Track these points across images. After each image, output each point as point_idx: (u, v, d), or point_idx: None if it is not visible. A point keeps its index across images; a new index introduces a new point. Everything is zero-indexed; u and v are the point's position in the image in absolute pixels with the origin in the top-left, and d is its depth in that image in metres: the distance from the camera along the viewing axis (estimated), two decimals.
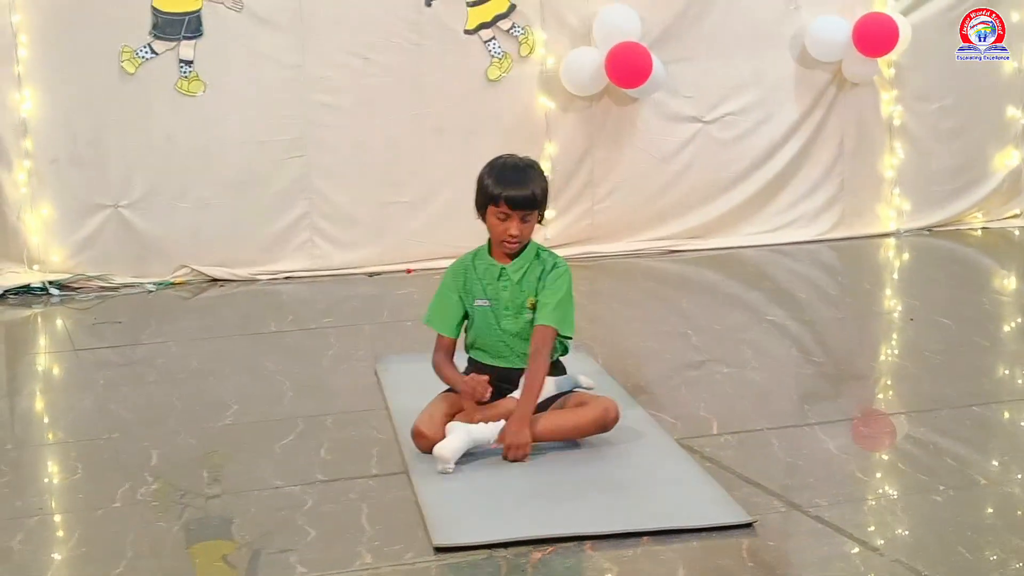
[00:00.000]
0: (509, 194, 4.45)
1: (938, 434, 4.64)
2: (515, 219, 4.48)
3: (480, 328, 4.62)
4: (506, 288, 4.56)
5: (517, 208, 4.46)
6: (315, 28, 7.46)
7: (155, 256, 7.44)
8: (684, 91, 8.11)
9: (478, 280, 4.61)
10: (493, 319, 4.58)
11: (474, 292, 4.61)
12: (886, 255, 8.18)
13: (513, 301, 4.56)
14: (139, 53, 7.23)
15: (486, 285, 4.59)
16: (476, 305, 4.60)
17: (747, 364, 5.69)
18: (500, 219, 4.49)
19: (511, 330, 4.57)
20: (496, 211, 4.48)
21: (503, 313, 4.57)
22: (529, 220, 4.51)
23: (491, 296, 4.58)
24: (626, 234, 8.16)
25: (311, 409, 5.11)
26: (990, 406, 5.00)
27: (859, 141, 8.42)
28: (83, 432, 4.93)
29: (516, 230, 4.48)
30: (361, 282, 7.53)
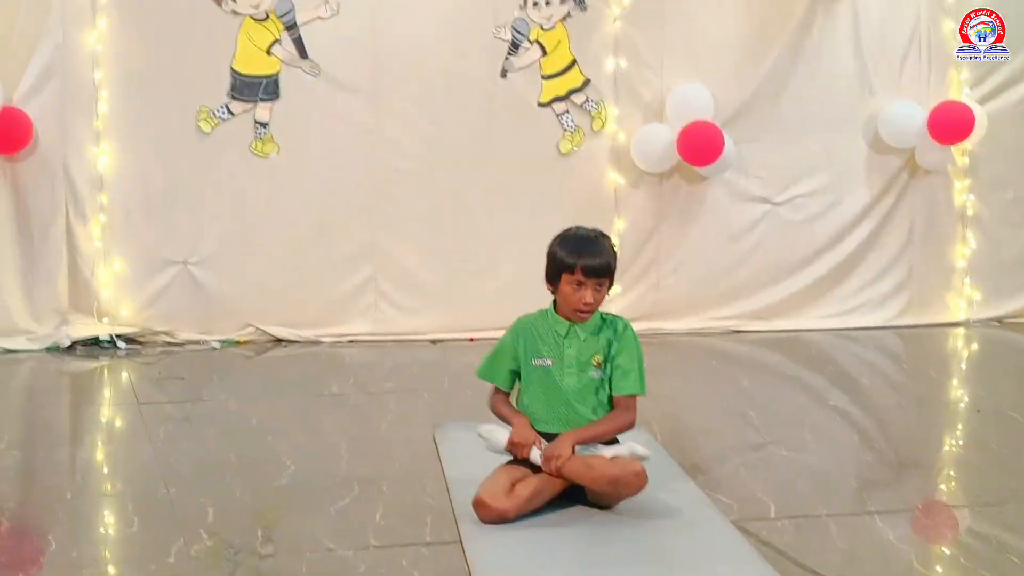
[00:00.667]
0: (586, 263, 4.47)
1: (1003, 529, 4.55)
2: (590, 287, 4.50)
3: (537, 390, 4.62)
4: (571, 346, 4.57)
5: (592, 276, 4.49)
6: (391, 94, 7.54)
7: (221, 313, 7.51)
8: (754, 171, 8.11)
9: (541, 338, 4.62)
10: (555, 377, 4.58)
11: (535, 351, 4.62)
12: (954, 344, 8.09)
13: (579, 358, 4.57)
14: (216, 113, 7.33)
15: (550, 343, 4.61)
16: (536, 364, 4.61)
17: (807, 448, 5.63)
18: (575, 288, 4.51)
19: (573, 388, 4.58)
20: (571, 279, 4.50)
21: (567, 370, 4.57)
22: (602, 289, 4.54)
23: (554, 355, 4.59)
24: (691, 312, 8.13)
25: (367, 472, 5.10)
26: None
27: (929, 228, 8.36)
28: (141, 485, 4.95)
29: (591, 298, 4.50)
30: (424, 348, 7.55)
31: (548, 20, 7.70)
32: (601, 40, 7.81)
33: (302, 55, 7.41)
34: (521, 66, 7.70)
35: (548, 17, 7.69)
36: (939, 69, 8.23)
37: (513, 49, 7.67)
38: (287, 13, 7.34)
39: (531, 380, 4.64)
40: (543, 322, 4.65)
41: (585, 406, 4.60)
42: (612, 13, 7.79)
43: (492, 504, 4.41)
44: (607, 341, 4.61)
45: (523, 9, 7.65)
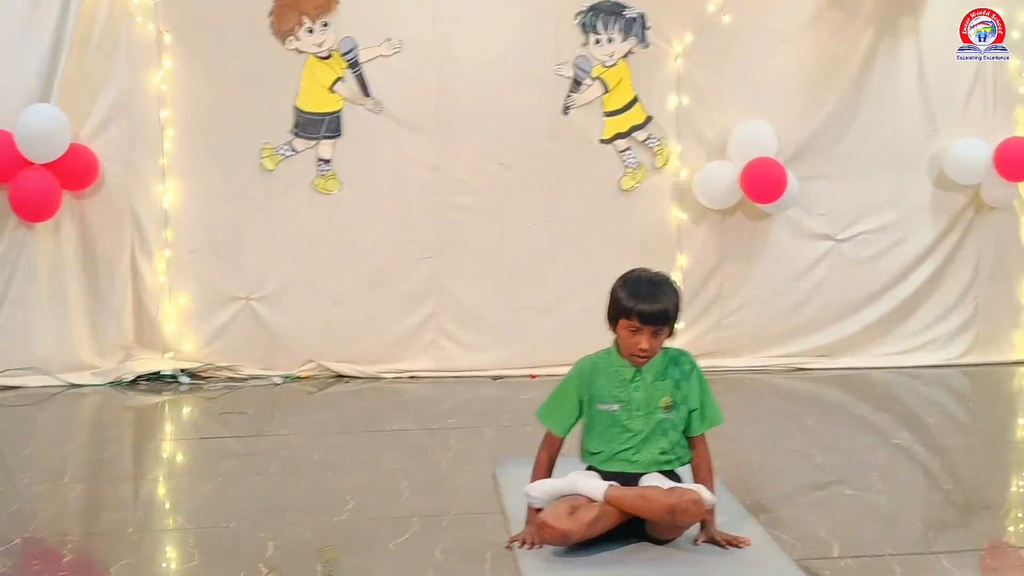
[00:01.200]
0: (642, 308, 4.43)
1: None
2: (646, 333, 4.46)
3: (603, 433, 4.59)
4: (638, 389, 4.54)
5: (648, 323, 4.44)
6: (453, 131, 7.58)
7: (283, 349, 7.56)
8: (818, 208, 8.07)
9: (606, 381, 4.58)
10: (623, 421, 4.55)
11: (600, 395, 4.58)
12: (1021, 383, 7.98)
13: (647, 402, 4.54)
14: (279, 151, 7.40)
15: (615, 388, 4.57)
16: (600, 409, 4.57)
17: (872, 487, 5.56)
18: (631, 332, 4.47)
19: (641, 431, 4.54)
20: (628, 324, 4.46)
21: (635, 414, 4.54)
22: (660, 335, 4.49)
23: (622, 399, 4.56)
24: (754, 349, 8.09)
25: (428, 508, 5.10)
26: None
27: (996, 266, 8.28)
28: (203, 519, 4.97)
29: (647, 344, 4.47)
30: (485, 385, 7.55)
31: (610, 57, 7.71)
32: (663, 77, 7.81)
33: (365, 92, 7.47)
34: (583, 103, 7.72)
35: (610, 54, 7.71)
36: (1005, 105, 8.18)
37: (575, 86, 7.69)
38: (350, 51, 7.40)
39: (595, 422, 4.61)
40: (607, 364, 4.61)
41: (653, 448, 4.58)
42: (674, 51, 7.80)
43: (555, 524, 4.38)
44: (674, 382, 4.58)
45: (585, 46, 7.67)
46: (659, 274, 4.58)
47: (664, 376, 4.57)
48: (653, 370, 4.56)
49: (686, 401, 4.59)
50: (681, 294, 4.61)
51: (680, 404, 4.59)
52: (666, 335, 4.52)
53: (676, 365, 4.59)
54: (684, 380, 4.59)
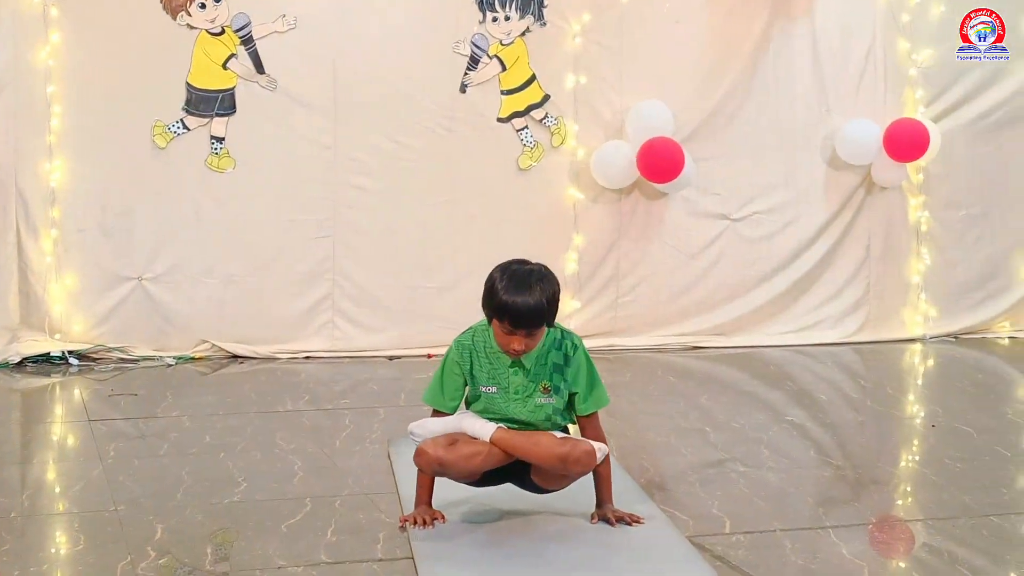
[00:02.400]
0: (513, 313, 4.29)
1: (955, 543, 4.55)
2: (519, 335, 4.34)
3: (484, 409, 4.56)
4: (517, 374, 4.51)
5: (520, 328, 4.33)
6: (349, 110, 7.51)
7: (176, 330, 7.45)
8: (713, 188, 8.13)
9: (485, 364, 4.53)
10: (501, 405, 4.53)
11: (480, 378, 4.53)
12: (910, 360, 8.12)
13: (525, 388, 4.51)
14: (171, 128, 7.29)
15: (494, 371, 4.53)
16: (482, 391, 4.54)
17: (764, 464, 5.61)
18: (504, 333, 4.36)
19: (519, 415, 4.52)
20: (500, 326, 4.35)
21: (512, 398, 4.52)
22: (535, 335, 4.38)
23: (500, 383, 4.53)
24: (649, 328, 8.13)
25: (321, 489, 5.06)
26: (1009, 517, 4.90)
27: (886, 245, 8.42)
28: (90, 503, 4.88)
29: (519, 345, 4.36)
30: (381, 365, 7.51)
31: (507, 35, 7.69)
32: (561, 56, 7.81)
33: (259, 70, 7.37)
34: (480, 81, 7.69)
35: (507, 32, 7.69)
36: (895, 88, 8.30)
37: (472, 64, 7.66)
38: (243, 27, 7.30)
39: (478, 399, 4.57)
40: (486, 344, 4.51)
41: (537, 426, 4.56)
42: (572, 30, 7.80)
43: (431, 451, 4.37)
44: (555, 366, 4.51)
45: (482, 24, 7.64)
46: (535, 269, 4.41)
47: (545, 361, 4.51)
48: (533, 356, 4.48)
49: (568, 386, 4.54)
50: (558, 283, 4.47)
51: (562, 389, 4.54)
52: (542, 333, 4.41)
53: (558, 349, 4.53)
54: (566, 365, 4.54)
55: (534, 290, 4.32)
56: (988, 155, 8.47)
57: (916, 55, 8.28)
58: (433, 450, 4.37)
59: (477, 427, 4.46)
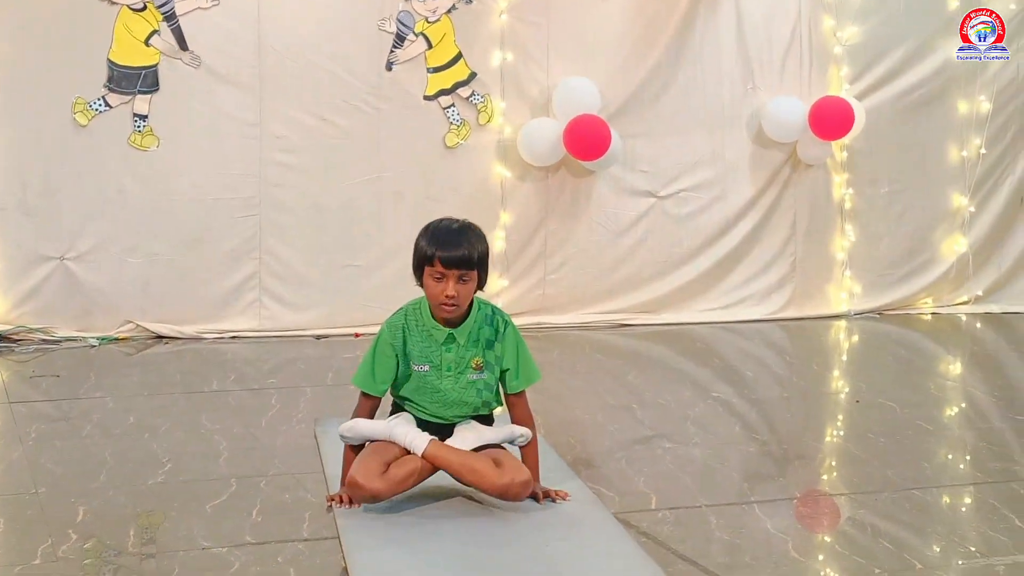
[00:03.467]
0: (444, 253, 4.37)
1: (878, 517, 4.61)
2: (451, 279, 4.39)
3: (415, 389, 4.57)
4: (450, 351, 4.51)
5: (452, 267, 4.37)
6: (274, 87, 7.44)
7: (100, 310, 7.35)
8: (640, 166, 8.14)
9: (419, 341, 4.53)
10: (433, 382, 4.53)
11: (413, 355, 4.54)
12: (835, 337, 8.20)
13: (457, 364, 4.52)
14: (93, 105, 7.18)
15: (427, 349, 4.52)
16: (415, 369, 4.54)
17: (690, 441, 5.65)
18: (436, 279, 4.40)
19: (450, 392, 4.53)
20: (432, 271, 4.40)
21: (445, 375, 4.52)
22: (467, 281, 4.42)
23: (432, 361, 4.52)
24: (577, 306, 8.15)
25: (246, 470, 5.03)
26: (931, 490, 4.98)
27: (811, 222, 8.48)
28: (9, 486, 4.81)
29: (452, 290, 4.39)
30: (308, 344, 7.47)
31: (433, 12, 7.65)
32: (487, 33, 7.78)
33: (182, 46, 7.28)
34: (406, 59, 7.65)
35: (433, 10, 7.64)
36: (820, 65, 8.35)
37: (398, 42, 7.61)
38: (166, 3, 7.20)
39: (408, 379, 4.57)
40: (418, 323, 4.54)
41: (466, 406, 4.59)
42: (498, 7, 7.77)
43: (366, 484, 4.36)
44: (486, 343, 4.55)
45: (408, 2, 7.59)
46: (462, 221, 4.53)
47: (477, 337, 4.54)
48: (466, 332, 4.52)
49: (499, 361, 4.58)
50: (487, 241, 4.56)
51: (492, 365, 4.57)
52: (474, 283, 4.46)
53: (490, 325, 4.56)
54: (497, 341, 4.56)
55: (464, 233, 4.46)
56: (911, 132, 8.56)
57: (841, 32, 8.34)
58: (368, 483, 4.37)
59: (409, 438, 4.47)
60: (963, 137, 8.66)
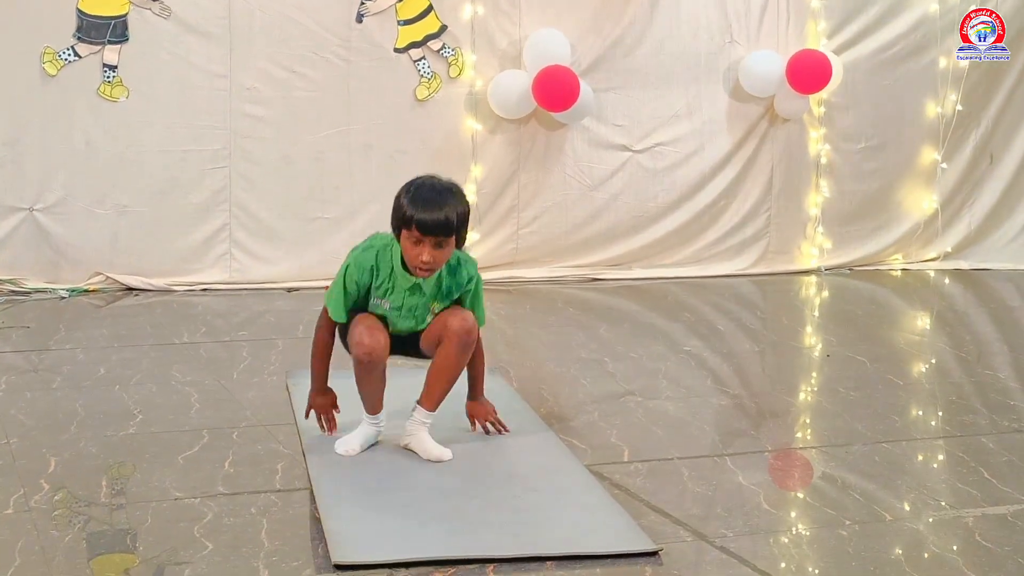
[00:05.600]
0: (421, 218, 4.28)
1: (847, 470, 4.64)
2: (428, 245, 4.33)
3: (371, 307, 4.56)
4: (413, 296, 4.49)
5: (429, 234, 4.31)
6: (244, 38, 7.38)
7: (69, 262, 7.30)
8: (615, 119, 8.12)
9: (384, 281, 4.49)
10: (391, 317, 4.53)
11: (377, 292, 4.51)
12: (806, 292, 8.22)
13: (416, 307, 4.51)
14: (61, 55, 7.11)
15: (390, 291, 4.49)
16: (375, 302, 4.52)
17: (662, 394, 5.66)
18: (413, 243, 4.34)
19: (404, 329, 4.56)
20: (409, 235, 4.34)
21: (403, 316, 4.52)
22: (444, 246, 4.36)
23: (394, 303, 4.51)
24: (550, 260, 8.14)
25: (218, 421, 5.01)
26: (900, 443, 5.01)
27: (787, 178, 8.49)
28: None
29: (428, 256, 4.33)
30: (279, 297, 7.44)
31: None
32: None
33: None
34: (377, 11, 7.59)
35: None
36: (797, 19, 8.32)
37: None
38: None
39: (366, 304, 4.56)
40: (387, 263, 4.48)
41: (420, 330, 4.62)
42: None
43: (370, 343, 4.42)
44: (447, 291, 4.53)
45: None
46: (446, 182, 4.44)
47: (439, 287, 4.52)
48: (431, 282, 4.48)
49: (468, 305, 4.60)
50: (469, 203, 4.52)
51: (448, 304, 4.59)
52: (451, 246, 4.40)
53: (453, 276, 4.52)
54: (458, 292, 4.56)
55: (444, 198, 4.36)
56: (887, 88, 8.54)
57: None
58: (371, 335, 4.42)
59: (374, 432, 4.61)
60: (940, 93, 8.66)
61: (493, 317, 7.02)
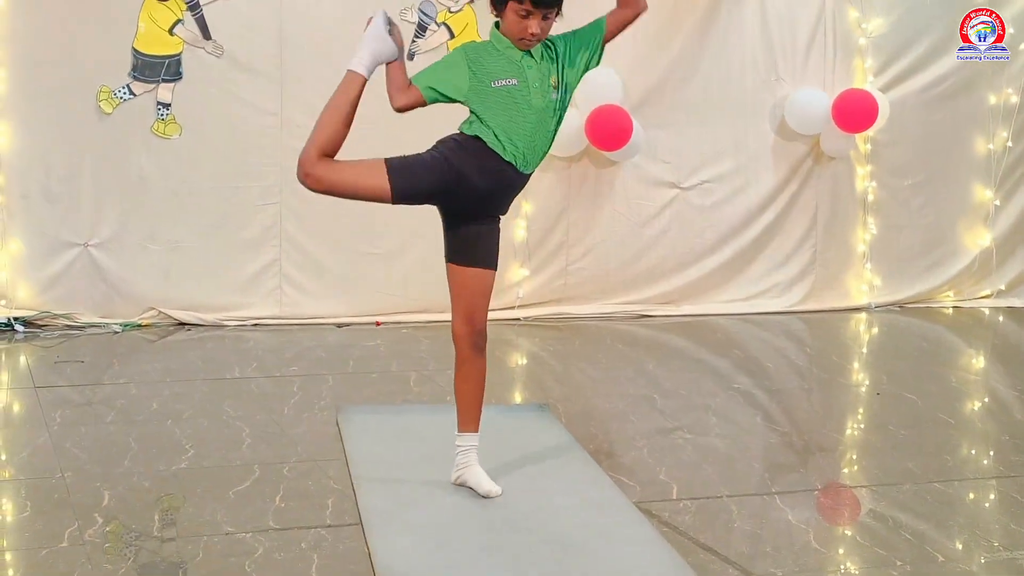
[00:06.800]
0: None
1: (899, 509, 4.62)
2: (537, 17, 4.30)
3: (499, 114, 4.39)
4: (531, 68, 4.39)
5: (540, 6, 4.29)
6: (295, 76, 7.46)
7: (123, 297, 7.39)
8: (663, 156, 8.13)
9: (497, 61, 4.39)
10: (519, 96, 4.38)
11: (495, 73, 4.38)
12: (856, 329, 8.19)
13: (540, 79, 4.40)
14: (117, 94, 7.21)
15: (508, 66, 4.38)
16: (498, 86, 4.39)
17: (711, 431, 5.66)
18: (521, 16, 4.30)
19: (539, 108, 4.40)
20: (519, 8, 4.29)
21: (532, 88, 4.38)
22: (549, 19, 4.35)
23: (518, 75, 4.39)
24: (599, 296, 8.15)
25: (269, 456, 5.05)
26: (952, 483, 4.97)
27: (833, 214, 8.46)
28: (36, 470, 4.85)
29: (536, 28, 4.31)
30: (329, 332, 7.48)
31: (456, 2, 7.65)
32: None
33: (205, 36, 7.30)
34: (428, 49, 7.65)
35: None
36: (844, 57, 8.32)
37: (420, 31, 7.62)
38: None
39: (490, 104, 4.39)
40: (492, 48, 4.41)
41: (544, 134, 4.47)
42: None
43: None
44: (552, 58, 4.44)
45: None
46: None
47: (544, 56, 4.43)
48: (537, 51, 4.41)
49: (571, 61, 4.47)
50: None
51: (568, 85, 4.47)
52: (552, 21, 4.38)
53: (546, 47, 4.44)
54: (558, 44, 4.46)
55: None
56: (935, 125, 8.52)
57: (866, 24, 8.31)
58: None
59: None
60: (989, 129, 8.62)
61: (542, 353, 7.08)
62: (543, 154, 4.51)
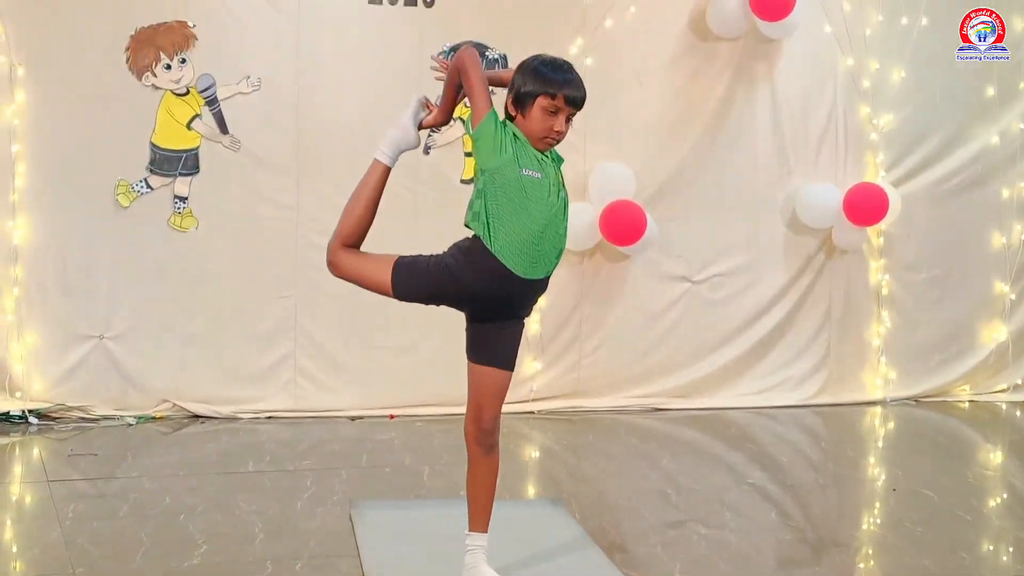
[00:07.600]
0: (570, 92, 4.29)
1: None
2: (563, 115, 4.31)
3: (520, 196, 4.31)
4: (548, 166, 4.39)
5: (571, 106, 4.31)
6: (311, 169, 7.53)
7: (137, 389, 7.40)
8: (675, 250, 8.16)
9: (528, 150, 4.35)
10: (540, 191, 4.33)
11: (524, 161, 4.34)
12: (871, 423, 8.16)
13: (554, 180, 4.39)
14: (135, 187, 7.28)
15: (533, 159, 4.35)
16: (525, 174, 4.33)
17: (726, 526, 5.63)
18: (550, 113, 4.29)
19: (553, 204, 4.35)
20: (549, 103, 4.28)
21: (551, 187, 4.35)
22: (570, 121, 4.37)
23: (543, 171, 4.36)
24: (612, 390, 8.14)
25: (281, 552, 5.03)
26: None
27: (846, 308, 8.47)
28: (47, 566, 4.84)
29: (562, 127, 4.32)
30: (343, 425, 7.48)
31: None
32: None
33: (223, 130, 7.39)
34: (444, 143, 7.73)
35: None
36: (855, 152, 8.38)
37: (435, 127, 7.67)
38: (208, 88, 7.32)
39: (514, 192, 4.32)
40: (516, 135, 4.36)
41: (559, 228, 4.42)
42: None
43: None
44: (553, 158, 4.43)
45: None
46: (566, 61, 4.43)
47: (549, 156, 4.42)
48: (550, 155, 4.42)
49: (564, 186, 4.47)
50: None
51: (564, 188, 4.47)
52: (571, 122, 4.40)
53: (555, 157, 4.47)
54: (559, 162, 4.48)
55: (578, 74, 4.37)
56: (948, 218, 8.55)
57: (877, 120, 8.38)
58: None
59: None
60: (1004, 223, 8.65)
61: (555, 446, 7.06)
62: (557, 254, 4.45)
